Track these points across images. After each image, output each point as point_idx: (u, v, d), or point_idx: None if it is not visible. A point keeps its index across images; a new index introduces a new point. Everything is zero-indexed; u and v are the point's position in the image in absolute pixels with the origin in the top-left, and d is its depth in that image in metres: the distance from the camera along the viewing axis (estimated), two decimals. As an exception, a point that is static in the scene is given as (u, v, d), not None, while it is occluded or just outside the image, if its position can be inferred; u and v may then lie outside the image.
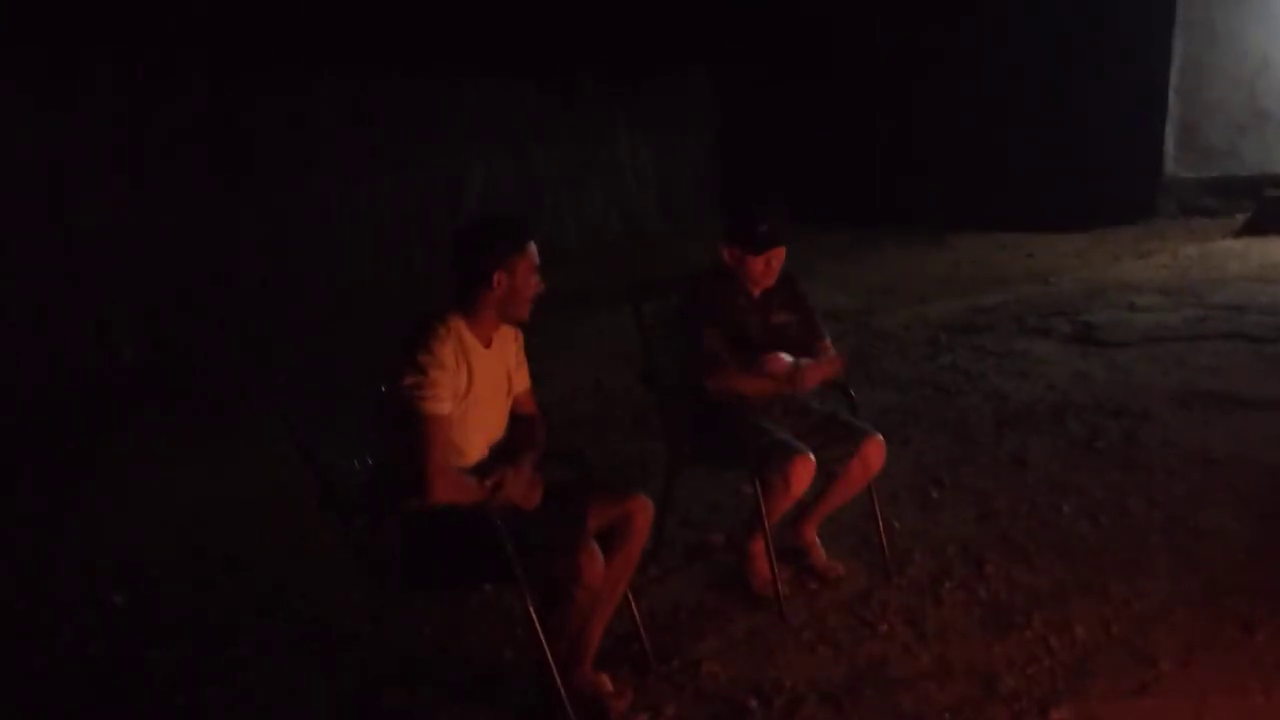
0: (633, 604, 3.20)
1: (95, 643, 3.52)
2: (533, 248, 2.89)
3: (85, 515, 4.64)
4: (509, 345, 3.03)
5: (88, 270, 6.68)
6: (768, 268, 3.60)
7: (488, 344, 2.92)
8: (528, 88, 10.43)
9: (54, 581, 3.98)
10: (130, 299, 6.93)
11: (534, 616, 2.73)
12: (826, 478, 3.65)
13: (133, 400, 6.12)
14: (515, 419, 3.07)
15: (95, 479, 5.04)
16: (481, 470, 2.88)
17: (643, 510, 3.00)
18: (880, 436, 3.64)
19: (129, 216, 6.94)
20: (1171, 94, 11.18)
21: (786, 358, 3.55)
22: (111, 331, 6.79)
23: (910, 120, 12.15)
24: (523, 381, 3.10)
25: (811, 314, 3.77)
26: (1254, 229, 10.10)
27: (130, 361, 6.79)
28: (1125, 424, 5.25)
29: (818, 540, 3.84)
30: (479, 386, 2.87)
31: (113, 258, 6.82)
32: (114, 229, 6.84)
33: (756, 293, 3.67)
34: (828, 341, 3.76)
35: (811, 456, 3.42)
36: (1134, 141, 11.22)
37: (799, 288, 3.79)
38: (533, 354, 3.14)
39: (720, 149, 13.09)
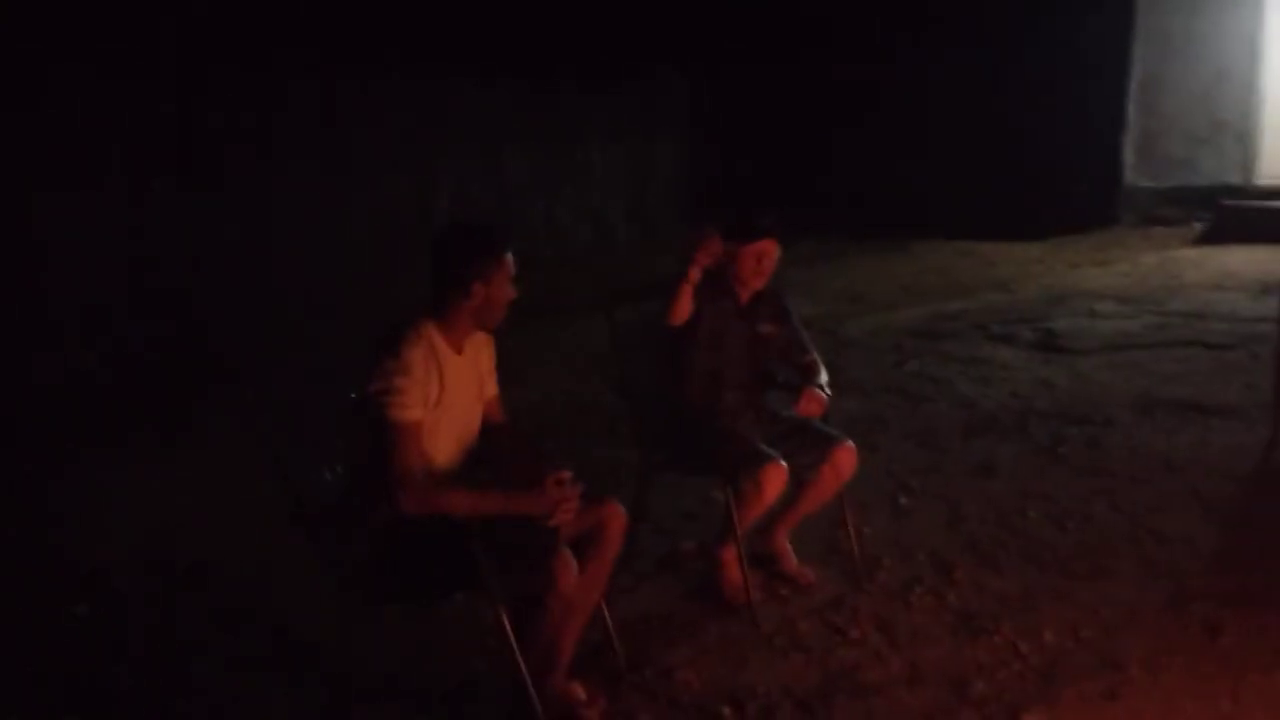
0: (606, 612, 3.19)
1: (58, 656, 3.45)
2: (510, 258, 2.88)
3: (48, 526, 4.55)
4: (481, 351, 3.01)
5: (49, 277, 6.56)
6: (758, 264, 3.59)
7: (459, 350, 2.90)
8: (498, 93, 10.38)
9: (16, 593, 3.90)
10: (93, 306, 6.82)
11: (507, 626, 2.71)
12: (797, 485, 3.66)
13: (97, 410, 6.02)
14: (489, 429, 3.05)
15: (59, 489, 4.95)
16: (460, 478, 2.86)
17: (616, 518, 2.99)
18: (851, 443, 3.66)
19: (92, 222, 6.83)
20: (1130, 105, 11.34)
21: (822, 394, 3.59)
22: (74, 340, 6.68)
23: (875, 131, 12.23)
24: (492, 388, 3.08)
25: (798, 330, 3.78)
26: (1211, 238, 10.28)
27: (93, 370, 6.68)
28: (1089, 431, 5.31)
29: (789, 547, 3.85)
30: (451, 393, 2.85)
31: (74, 264, 6.70)
32: (76, 234, 6.72)
33: (744, 297, 3.66)
34: (815, 356, 3.77)
35: (783, 463, 3.43)
36: (1094, 152, 11.36)
37: (787, 303, 3.80)
38: (503, 361, 3.12)
39: (690, 159, 13.11)
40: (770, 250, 3.60)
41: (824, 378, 3.71)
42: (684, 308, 3.37)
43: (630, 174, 12.26)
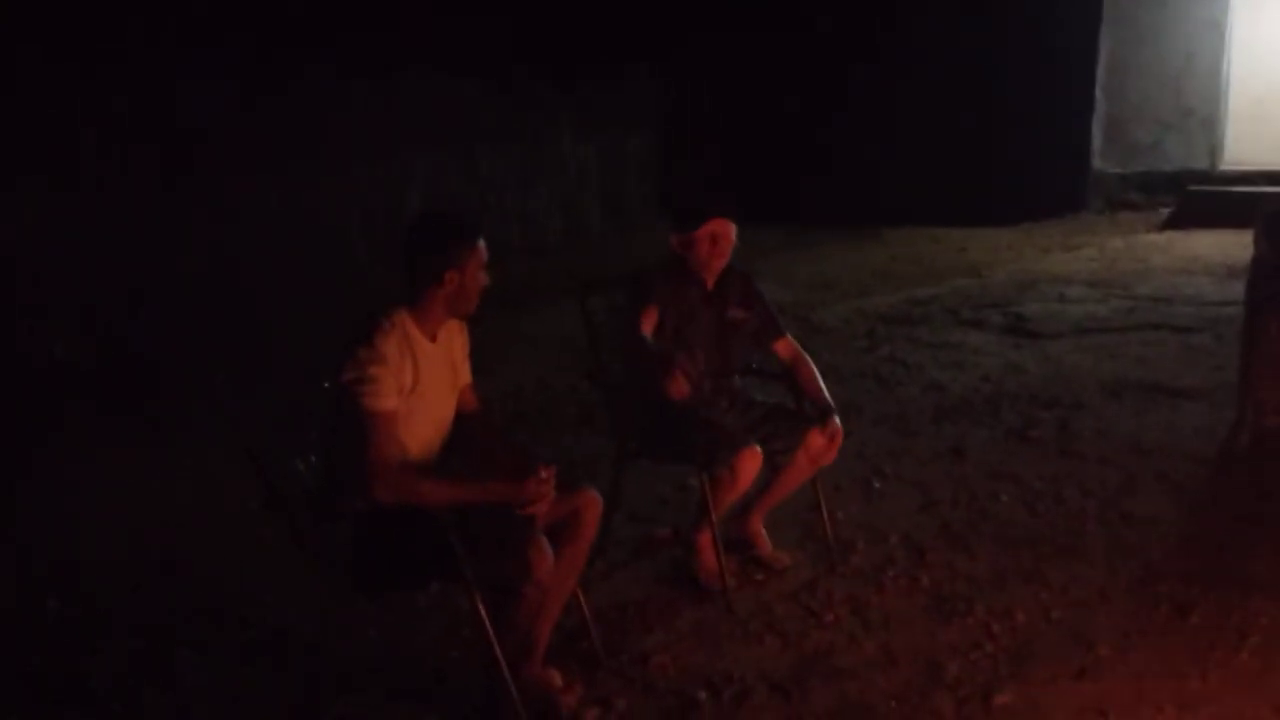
0: (582, 599, 3.19)
1: (29, 648, 3.42)
2: (483, 245, 2.87)
3: (18, 518, 4.50)
4: (455, 339, 3.00)
5: (19, 267, 6.47)
6: (714, 246, 3.58)
7: (433, 338, 2.89)
8: (470, 84, 10.33)
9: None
10: (65, 297, 6.74)
11: (483, 614, 2.71)
12: (772, 469, 3.68)
13: (69, 400, 5.95)
14: (463, 417, 3.04)
15: (29, 480, 4.89)
16: (437, 467, 2.85)
17: (591, 505, 3.00)
18: (834, 419, 3.66)
19: (64, 212, 6.74)
20: (1098, 91, 11.41)
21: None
22: (44, 330, 6.60)
23: (845, 117, 12.25)
24: (465, 376, 3.07)
25: (768, 310, 3.79)
26: (1177, 223, 10.37)
27: (62, 359, 6.61)
28: (1059, 414, 5.36)
29: (764, 531, 3.87)
30: (424, 381, 2.84)
31: (46, 255, 6.62)
32: (48, 225, 6.64)
33: (710, 283, 3.66)
34: (790, 339, 3.79)
35: (758, 449, 3.45)
36: (1062, 138, 11.43)
37: (754, 285, 3.80)
38: (477, 350, 3.11)
39: (662, 148, 13.10)
40: (723, 229, 3.58)
41: (830, 403, 3.68)
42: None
43: (603, 166, 12.22)
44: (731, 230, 3.60)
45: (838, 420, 3.63)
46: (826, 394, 3.69)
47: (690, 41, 12.61)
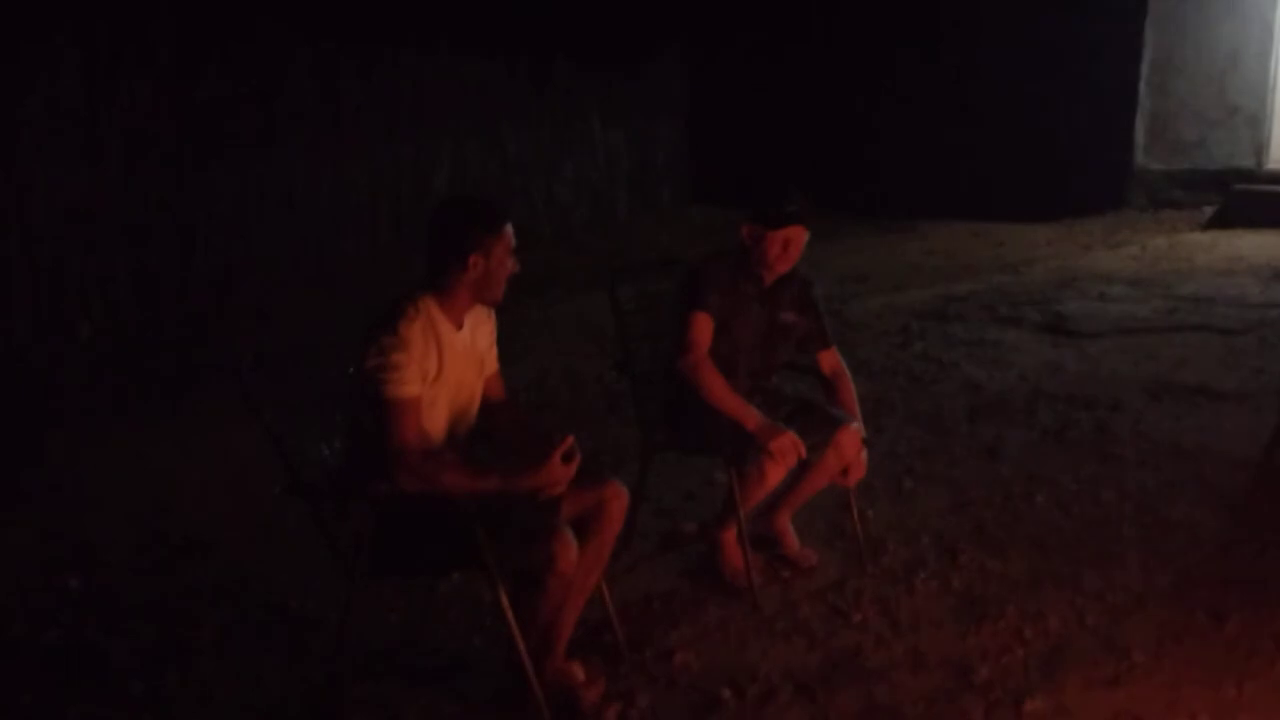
0: (606, 593, 3.15)
1: (50, 629, 3.42)
2: (509, 230, 2.83)
3: (40, 498, 4.52)
4: (482, 327, 2.96)
5: (43, 247, 6.51)
6: (784, 250, 3.49)
7: (459, 325, 2.86)
8: (499, 68, 10.32)
9: (6, 566, 3.87)
10: (88, 277, 6.78)
11: (506, 605, 2.68)
12: (801, 466, 3.61)
13: (91, 380, 5.99)
14: (490, 406, 3.00)
15: (51, 460, 4.92)
16: (459, 455, 2.82)
17: (617, 498, 2.95)
18: (855, 425, 3.61)
19: (87, 193, 6.77)
20: (1142, 87, 11.24)
21: (797, 445, 3.38)
22: (69, 310, 6.64)
23: (884, 108, 12.14)
24: (492, 364, 3.04)
25: (821, 319, 3.70)
26: (1221, 222, 10.20)
27: (88, 340, 6.65)
28: (1097, 415, 5.26)
29: (791, 529, 3.81)
30: (449, 368, 2.80)
31: (70, 235, 6.65)
32: (72, 205, 6.67)
33: (768, 280, 3.58)
34: (837, 354, 3.74)
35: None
36: (1105, 134, 11.28)
37: (812, 292, 3.70)
38: (503, 337, 3.08)
39: (691, 135, 13.04)
40: (797, 236, 3.48)
41: (859, 421, 3.60)
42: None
43: (630, 153, 12.20)
44: (804, 239, 3.51)
45: (861, 428, 3.57)
46: (858, 412, 3.63)
47: (722, 29, 12.53)
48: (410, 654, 3.25)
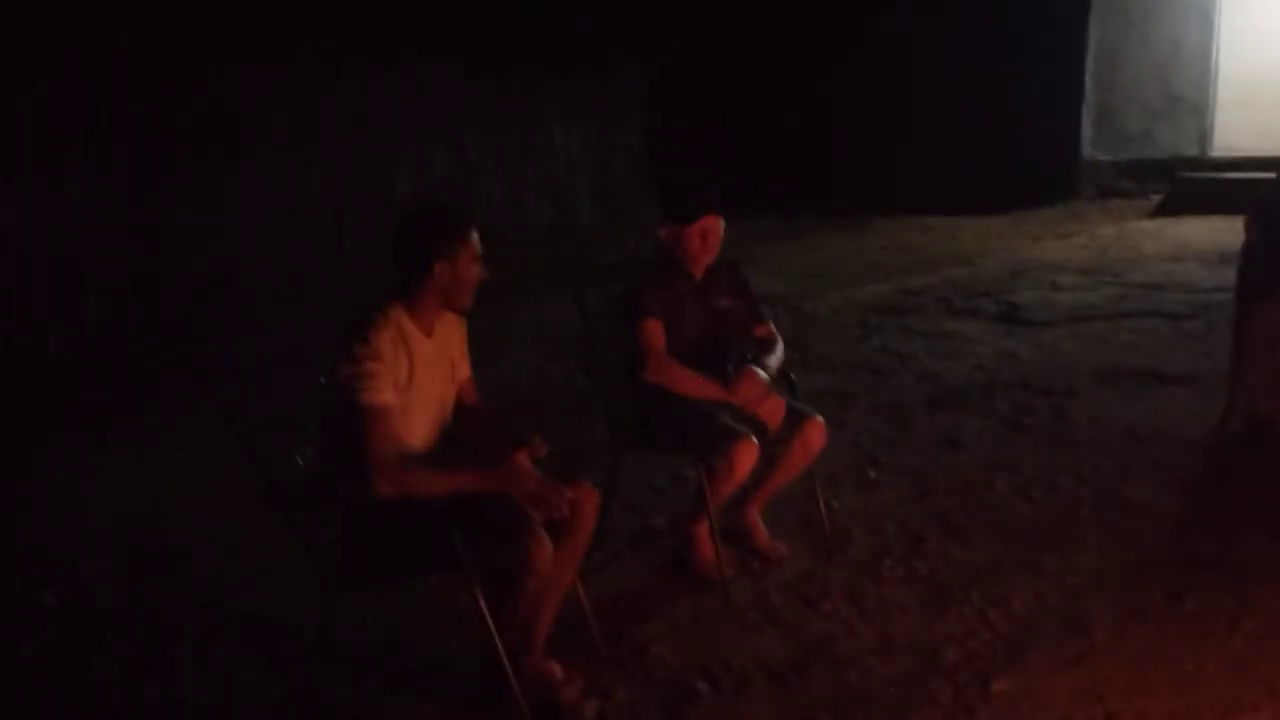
0: (580, 590, 3.20)
1: (26, 643, 3.41)
2: (474, 236, 2.87)
3: (13, 512, 4.48)
4: (452, 333, 3.00)
5: (6, 259, 6.44)
6: (704, 241, 3.58)
7: (429, 333, 2.89)
8: (459, 72, 10.31)
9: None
10: (56, 290, 6.71)
11: (483, 606, 2.72)
12: (768, 460, 3.68)
13: (62, 393, 5.93)
14: (463, 411, 3.04)
15: (24, 475, 4.87)
16: (436, 460, 2.85)
17: (589, 497, 3.00)
18: (820, 418, 3.69)
19: (50, 205, 6.71)
20: (1088, 79, 11.43)
21: (761, 375, 3.51)
22: (36, 323, 6.57)
23: (836, 108, 12.26)
24: (464, 370, 3.07)
25: (753, 299, 3.80)
26: (1167, 210, 10.40)
27: (57, 352, 6.58)
28: (1053, 402, 5.38)
29: (760, 521, 3.88)
30: (420, 375, 2.84)
31: (34, 246, 6.58)
32: (35, 216, 6.60)
33: (698, 275, 3.67)
34: (770, 325, 3.79)
35: (754, 440, 3.44)
36: (1053, 126, 11.45)
37: (741, 274, 3.81)
38: (472, 341, 3.11)
39: (652, 136, 13.08)
40: (714, 225, 3.59)
41: (775, 357, 3.65)
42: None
43: (592, 155, 12.22)
44: (721, 226, 3.61)
45: (771, 363, 3.61)
46: (774, 365, 3.64)
47: (680, 31, 12.58)
48: (389, 658, 3.28)
